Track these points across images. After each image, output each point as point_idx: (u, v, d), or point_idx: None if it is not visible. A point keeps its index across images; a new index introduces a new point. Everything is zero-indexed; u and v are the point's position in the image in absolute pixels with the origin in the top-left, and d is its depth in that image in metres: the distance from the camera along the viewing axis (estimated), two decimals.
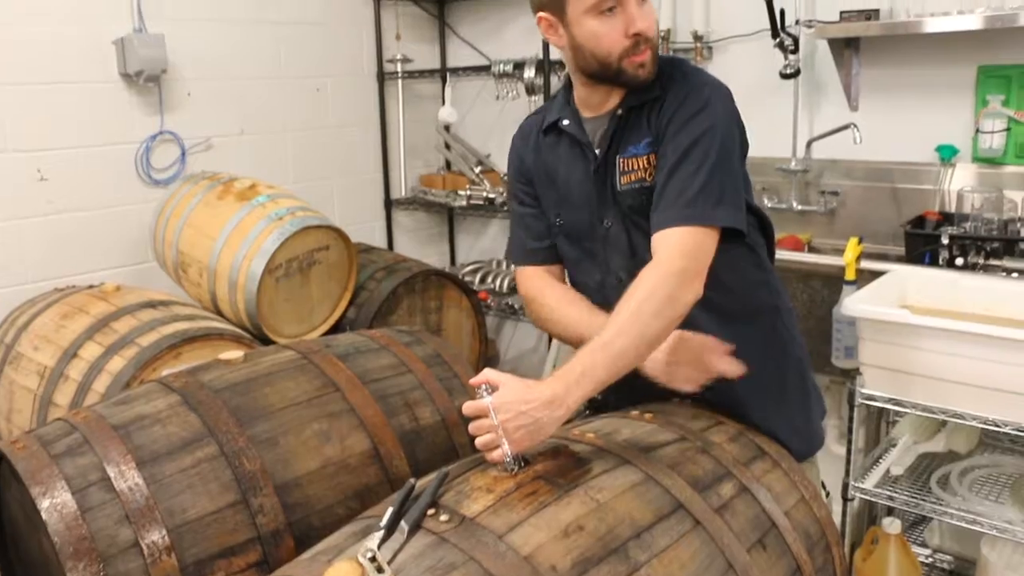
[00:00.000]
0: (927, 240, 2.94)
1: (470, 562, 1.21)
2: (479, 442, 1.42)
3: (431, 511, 1.31)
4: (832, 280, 2.85)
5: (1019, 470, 2.49)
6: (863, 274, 2.67)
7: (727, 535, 1.43)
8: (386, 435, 1.81)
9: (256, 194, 3.23)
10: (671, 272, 1.55)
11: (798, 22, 3.35)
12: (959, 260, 2.84)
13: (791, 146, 3.49)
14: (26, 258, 3.32)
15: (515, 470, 1.41)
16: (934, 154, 3.19)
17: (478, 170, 4.32)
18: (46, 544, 1.49)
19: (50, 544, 1.46)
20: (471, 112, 4.59)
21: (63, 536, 1.46)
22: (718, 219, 1.61)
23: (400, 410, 1.89)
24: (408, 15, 4.52)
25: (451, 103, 4.48)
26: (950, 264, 2.85)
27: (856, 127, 3.23)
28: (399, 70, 4.43)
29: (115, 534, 1.49)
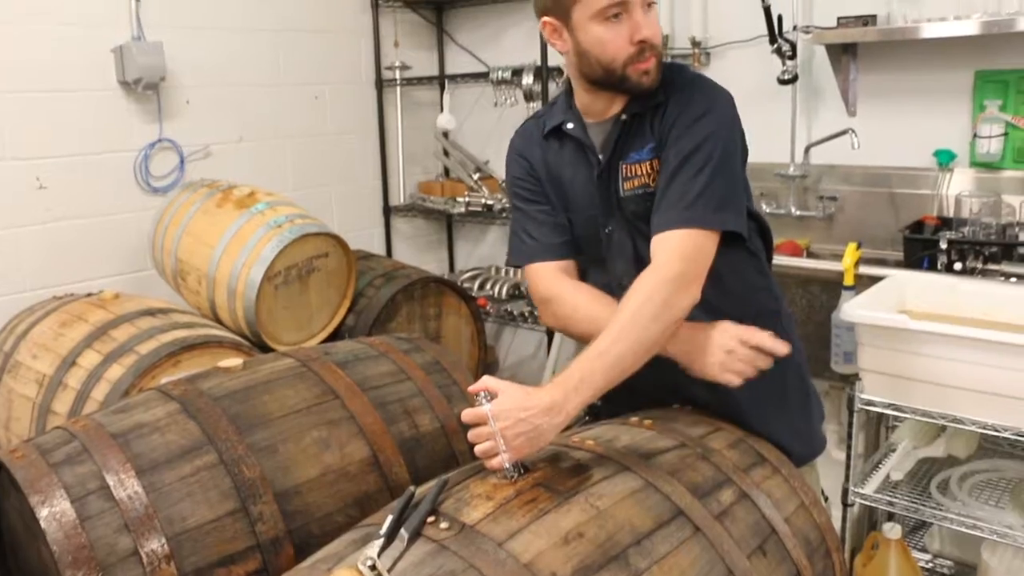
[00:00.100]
0: (925, 245, 2.94)
1: (470, 570, 1.21)
2: (478, 449, 1.42)
3: (431, 518, 1.30)
4: (831, 285, 2.85)
5: (1019, 475, 2.49)
6: (862, 279, 2.67)
7: (727, 541, 1.43)
8: (385, 442, 1.81)
9: (255, 202, 3.23)
10: (668, 277, 1.55)
11: (796, 28, 3.36)
12: (957, 265, 2.84)
13: (789, 151, 3.49)
14: (25, 266, 3.31)
15: (515, 477, 1.40)
16: (932, 159, 3.19)
17: (476, 177, 4.32)
18: (45, 553, 1.49)
19: (49, 553, 1.46)
20: (469, 119, 4.60)
21: (62, 545, 1.45)
22: (718, 223, 1.61)
23: (399, 417, 1.89)
24: (406, 22, 4.53)
25: (449, 110, 4.49)
26: (948, 269, 2.85)
27: (854, 132, 3.24)
28: (397, 77, 4.44)
29: (114, 543, 1.49)
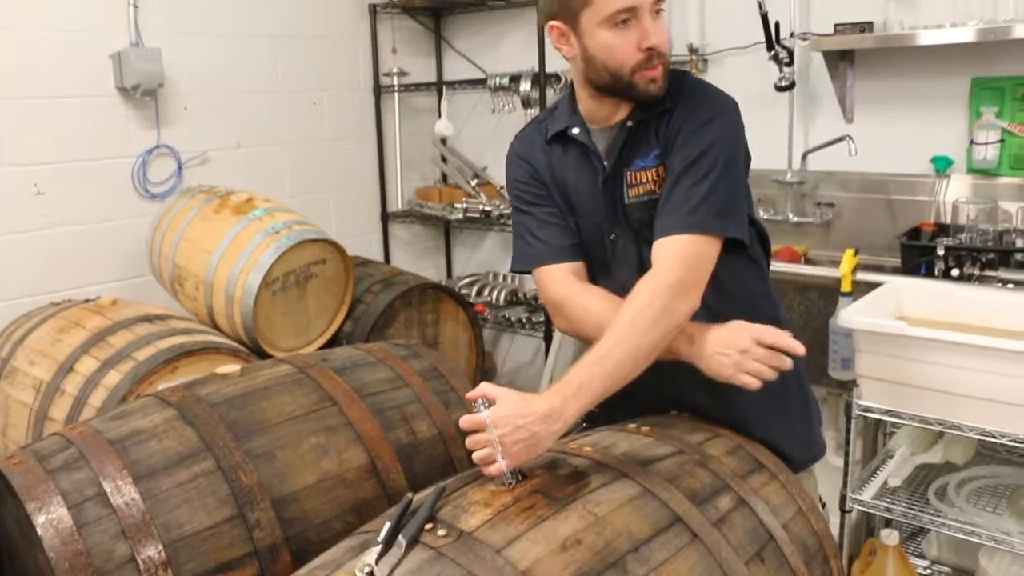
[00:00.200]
0: (923, 251, 2.95)
1: None
2: (476, 456, 1.41)
3: (429, 525, 1.30)
4: (828, 292, 2.85)
5: (1017, 481, 2.49)
6: (859, 286, 2.66)
7: (725, 548, 1.43)
8: (383, 449, 1.81)
9: (253, 208, 3.23)
10: (667, 283, 1.55)
11: (793, 35, 3.37)
12: (955, 271, 2.85)
13: (787, 158, 3.50)
14: (22, 272, 3.31)
15: (512, 484, 1.40)
16: (929, 166, 3.20)
17: (474, 183, 4.33)
18: (42, 560, 1.49)
19: (46, 560, 1.45)
20: (467, 125, 4.60)
21: (59, 552, 1.45)
22: (721, 229, 1.61)
23: (397, 424, 1.88)
24: (404, 29, 4.53)
25: (447, 116, 4.50)
26: (946, 275, 2.86)
27: (851, 139, 3.25)
28: (395, 83, 4.45)
29: (111, 549, 1.48)
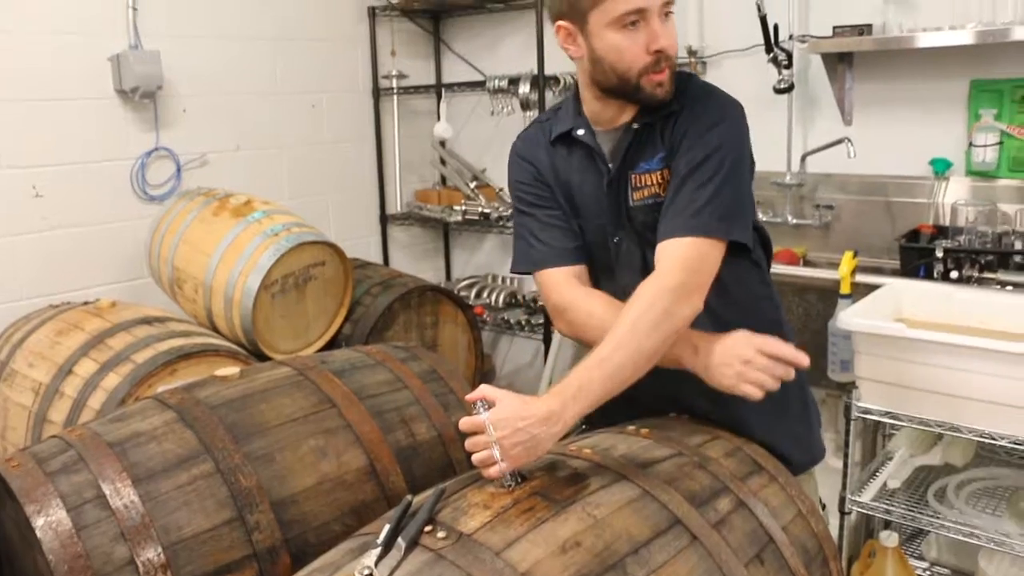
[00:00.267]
0: (922, 253, 2.95)
1: None
2: (476, 458, 1.41)
3: (428, 528, 1.30)
4: (827, 294, 2.85)
5: (1016, 483, 2.49)
6: (858, 288, 2.67)
7: (724, 550, 1.43)
8: (382, 451, 1.81)
9: (252, 210, 3.23)
10: (669, 286, 1.54)
11: (791, 37, 3.37)
12: (954, 273, 2.85)
13: (785, 160, 3.50)
14: (21, 275, 3.31)
15: (512, 486, 1.40)
16: (928, 168, 3.20)
17: (473, 185, 4.33)
18: (41, 563, 1.48)
19: (45, 563, 1.45)
20: (466, 127, 4.60)
21: (58, 554, 1.45)
22: (724, 232, 1.60)
23: (396, 426, 1.88)
24: (403, 31, 4.53)
25: (446, 119, 4.50)
26: (945, 277, 2.86)
27: (850, 141, 3.25)
28: (394, 86, 4.45)
29: (110, 552, 1.48)
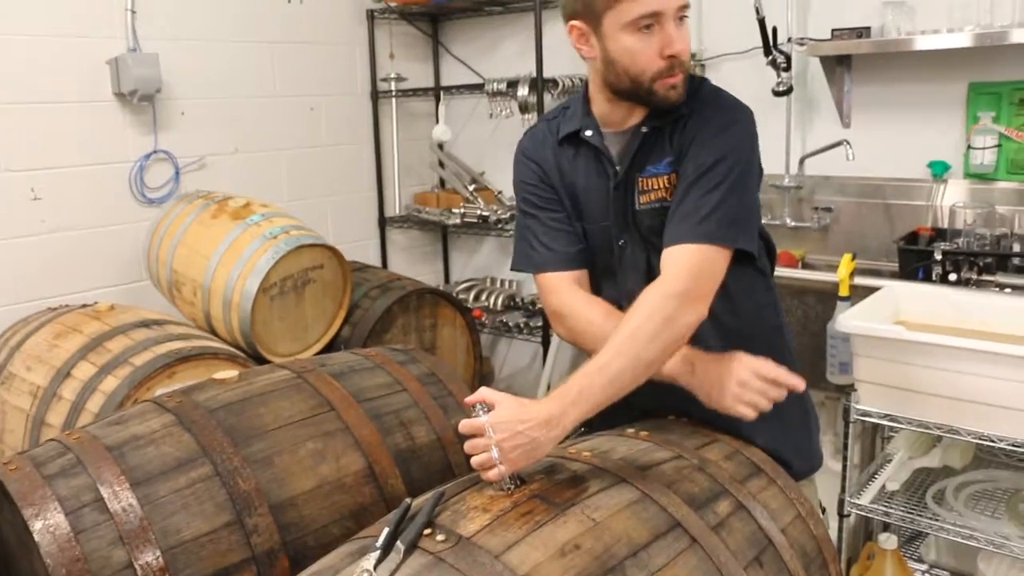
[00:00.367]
0: (920, 256, 2.95)
1: None
2: (475, 461, 1.41)
3: (427, 531, 1.30)
4: (826, 296, 2.85)
5: (1015, 485, 2.49)
6: (857, 290, 2.66)
7: (724, 553, 1.43)
8: (381, 454, 1.80)
9: (250, 213, 3.23)
10: (672, 293, 1.53)
11: (790, 40, 3.37)
12: (952, 276, 2.84)
13: (784, 163, 3.50)
14: (19, 277, 3.30)
15: (511, 489, 1.40)
16: (926, 170, 3.21)
17: (472, 188, 4.33)
18: (39, 566, 1.48)
19: (43, 566, 1.45)
20: (465, 130, 4.60)
21: (56, 558, 1.45)
22: (731, 240, 1.59)
23: (395, 429, 1.88)
24: (402, 34, 4.54)
25: (445, 121, 4.50)
26: (943, 280, 2.86)
27: (848, 144, 3.25)
28: (393, 89, 4.45)
29: (109, 556, 1.48)
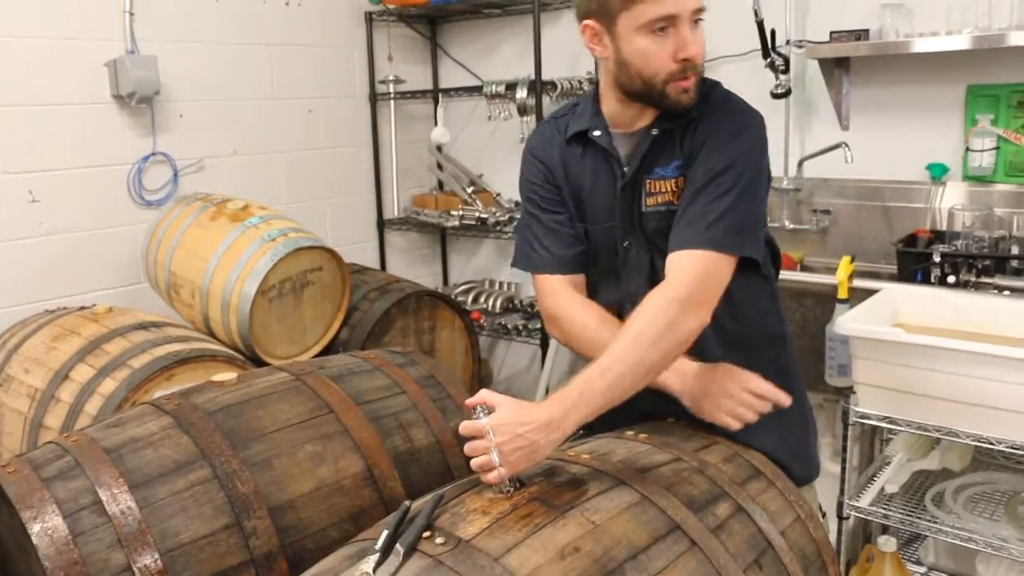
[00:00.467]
0: (919, 258, 2.95)
1: None
2: (475, 463, 1.41)
3: (426, 534, 1.30)
4: (825, 298, 2.85)
5: (1013, 487, 2.49)
6: (856, 292, 2.67)
7: (723, 556, 1.43)
8: (380, 457, 1.80)
9: (249, 215, 3.22)
10: (675, 298, 1.52)
11: (788, 42, 3.37)
12: (951, 278, 2.84)
13: (783, 165, 3.50)
14: (17, 280, 3.30)
15: (511, 492, 1.40)
16: (925, 173, 3.21)
17: (470, 190, 4.33)
18: (37, 569, 1.48)
19: (41, 569, 1.45)
20: (463, 132, 4.60)
21: (54, 561, 1.44)
22: (737, 248, 1.59)
23: (394, 431, 1.88)
24: (400, 36, 4.54)
25: (443, 124, 4.50)
26: (942, 282, 2.85)
27: (847, 146, 3.25)
28: (391, 91, 4.45)
29: (107, 558, 1.48)
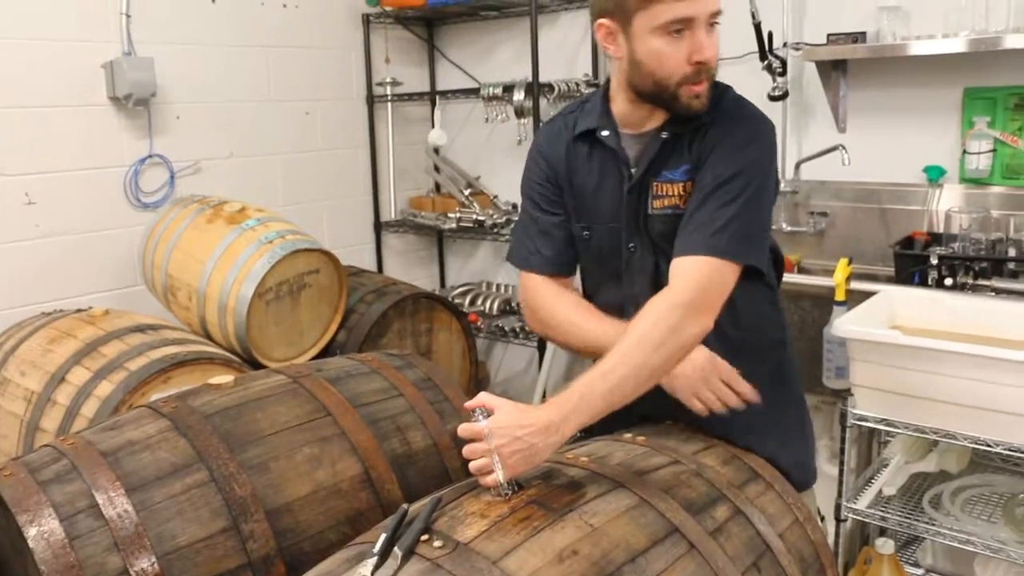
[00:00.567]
0: (916, 260, 2.95)
1: None
2: (473, 466, 1.41)
3: (424, 537, 1.30)
4: (822, 301, 2.85)
5: (1011, 489, 2.49)
6: (853, 295, 2.67)
7: (722, 558, 1.43)
8: (378, 459, 1.80)
9: (246, 217, 3.22)
10: (678, 303, 1.52)
11: (786, 45, 3.38)
12: (948, 280, 2.85)
13: (780, 168, 3.50)
14: (13, 282, 3.29)
15: (509, 495, 1.40)
16: (922, 175, 3.21)
17: (467, 192, 4.32)
18: (33, 573, 1.47)
19: (37, 573, 1.44)
20: (460, 135, 4.60)
21: (50, 564, 1.44)
22: (742, 256, 1.59)
23: (391, 434, 1.88)
24: (397, 38, 4.54)
25: (440, 126, 4.49)
26: (939, 284, 2.86)
27: (844, 148, 3.25)
28: (388, 93, 4.44)
29: (104, 562, 1.47)
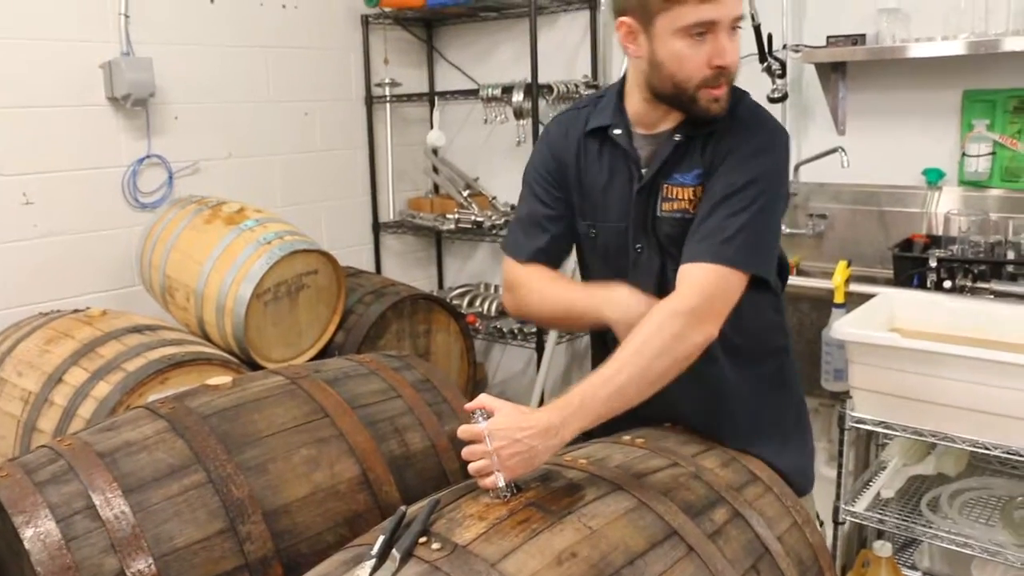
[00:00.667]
0: (915, 263, 2.95)
1: None
2: (472, 468, 1.40)
3: (423, 539, 1.29)
4: (821, 303, 2.85)
5: (1009, 492, 2.49)
6: (852, 297, 2.67)
7: (720, 561, 1.42)
8: (376, 461, 1.79)
9: (244, 218, 3.21)
10: (682, 310, 1.52)
11: (785, 47, 3.37)
12: (947, 283, 2.85)
13: None
14: (10, 282, 3.28)
15: (507, 497, 1.39)
16: (921, 177, 3.21)
17: (466, 193, 4.32)
18: (29, 574, 1.47)
19: (33, 574, 1.44)
20: (459, 136, 4.60)
21: (47, 566, 1.43)
22: (750, 265, 1.58)
23: (389, 435, 1.87)
24: (396, 39, 4.53)
25: (439, 127, 4.49)
26: (938, 287, 2.86)
27: (843, 151, 3.25)
28: (387, 94, 4.44)
29: (100, 563, 1.47)
